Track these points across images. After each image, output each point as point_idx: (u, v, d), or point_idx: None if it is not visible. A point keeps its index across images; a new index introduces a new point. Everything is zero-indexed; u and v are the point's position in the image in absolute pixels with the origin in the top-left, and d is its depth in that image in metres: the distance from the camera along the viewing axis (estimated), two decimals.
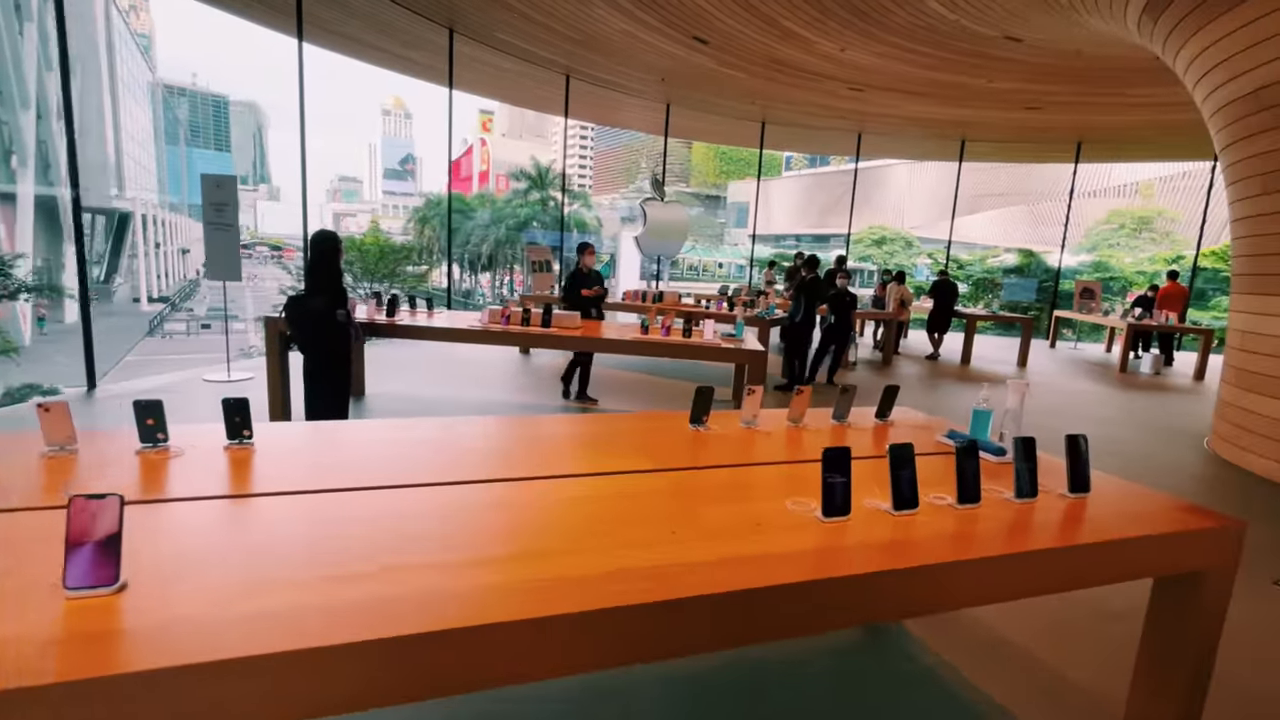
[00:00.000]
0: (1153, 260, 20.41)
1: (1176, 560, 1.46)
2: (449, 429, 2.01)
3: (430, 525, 1.30)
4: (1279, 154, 4.52)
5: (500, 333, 4.46)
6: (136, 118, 54.73)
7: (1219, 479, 4.84)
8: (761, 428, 2.14)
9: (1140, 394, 8.32)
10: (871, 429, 2.27)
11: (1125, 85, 9.80)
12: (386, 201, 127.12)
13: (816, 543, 1.28)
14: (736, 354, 4.28)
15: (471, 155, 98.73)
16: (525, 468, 1.67)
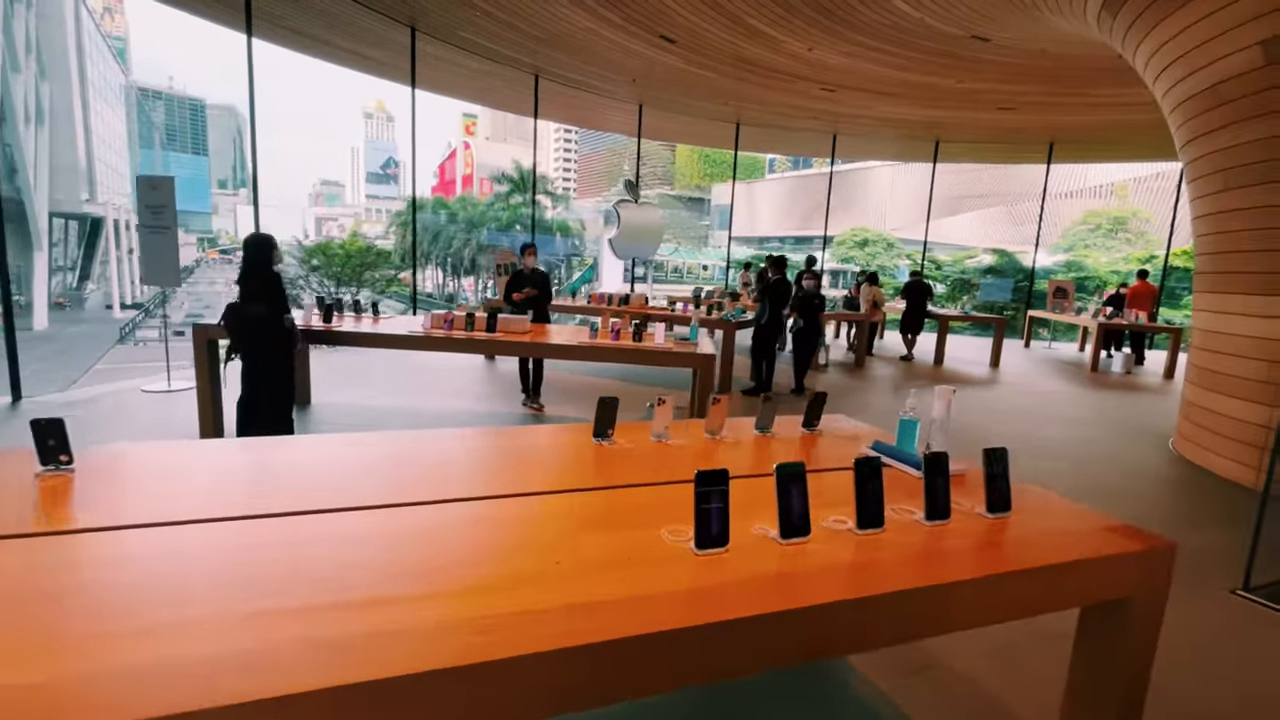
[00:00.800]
0: (1127, 260, 20.61)
1: (1099, 588, 1.32)
2: (344, 445, 1.84)
3: (279, 555, 1.13)
4: (1238, 150, 4.45)
5: (442, 339, 4.27)
6: (109, 121, 53.74)
7: (1181, 481, 4.77)
8: (674, 441, 1.98)
9: (1110, 393, 8.30)
10: (797, 440, 2.12)
11: (1092, 85, 9.82)
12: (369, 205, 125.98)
13: (688, 580, 1.12)
14: (686, 358, 4.12)
15: (455, 158, 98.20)
16: (415, 490, 1.51)
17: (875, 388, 8.00)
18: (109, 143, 53.49)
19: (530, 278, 5.83)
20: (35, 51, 34.85)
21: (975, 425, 6.22)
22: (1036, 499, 1.65)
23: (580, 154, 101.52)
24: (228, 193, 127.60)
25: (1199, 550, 3.54)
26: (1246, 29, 4.11)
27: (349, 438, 1.94)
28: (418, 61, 9.88)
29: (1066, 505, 1.66)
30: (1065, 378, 9.29)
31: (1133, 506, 4.20)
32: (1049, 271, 18.72)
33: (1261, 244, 4.40)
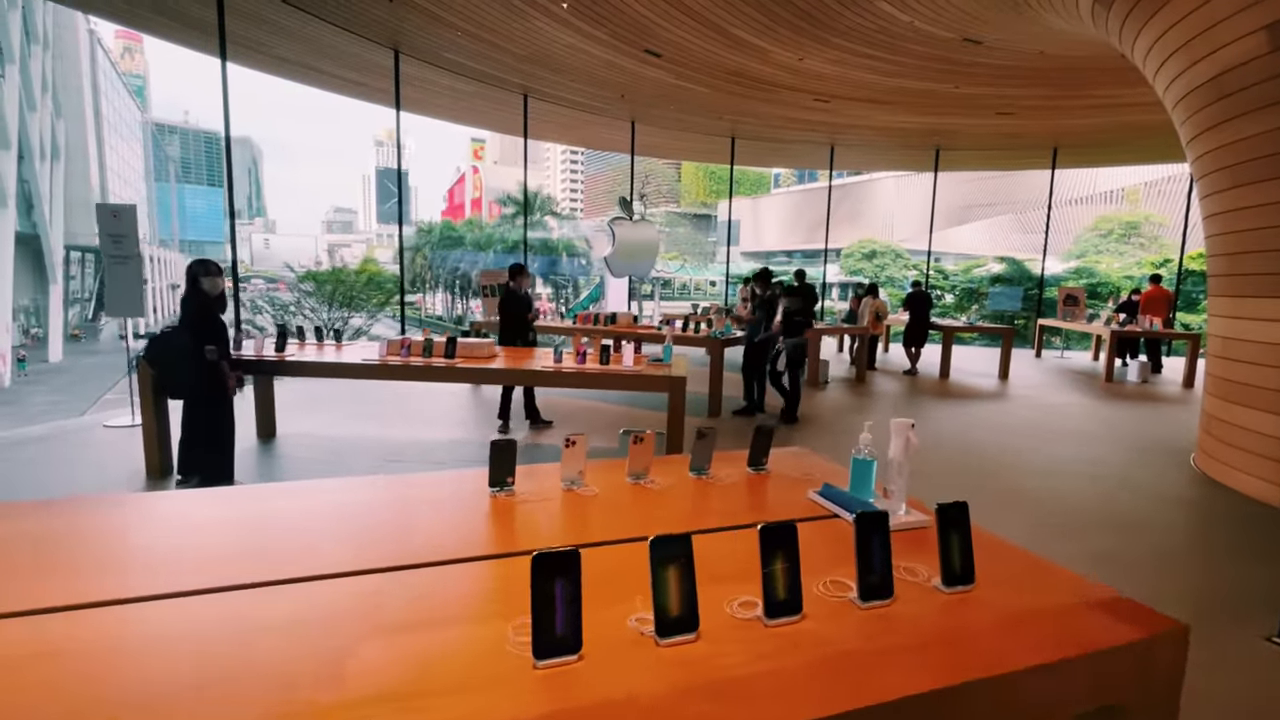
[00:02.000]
0: (1140, 265, 20.08)
1: (1079, 696, 1.01)
2: (212, 504, 1.58)
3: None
4: (1245, 144, 4.14)
5: (399, 367, 4.02)
6: (124, 156, 54.95)
7: (1202, 502, 4.38)
8: (588, 489, 1.69)
9: (1125, 405, 7.88)
10: (735, 484, 1.82)
11: (1093, 86, 9.52)
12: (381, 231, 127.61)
13: (514, 710, 0.83)
14: (655, 381, 3.84)
15: (464, 183, 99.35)
16: (244, 567, 1.24)
17: (875, 405, 7.65)
18: (124, 177, 54.67)
19: (522, 300, 5.68)
20: (51, 90, 35.73)
21: (979, 443, 5.86)
22: (1007, 564, 1.34)
23: (587, 174, 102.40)
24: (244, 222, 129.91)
25: (1225, 587, 3.17)
26: (1249, 13, 3.82)
27: (222, 494, 1.68)
28: (404, 84, 9.81)
29: (1046, 570, 1.34)
30: (1078, 389, 8.88)
31: (1147, 536, 3.83)
32: (1059, 279, 18.24)
33: (1275, 243, 4.06)
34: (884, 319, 9.95)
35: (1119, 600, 1.20)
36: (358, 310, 12.51)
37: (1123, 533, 3.82)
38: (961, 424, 6.66)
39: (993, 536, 1.49)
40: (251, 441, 4.99)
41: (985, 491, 4.51)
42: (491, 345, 4.43)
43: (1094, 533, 3.82)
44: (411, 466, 4.45)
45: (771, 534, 1.06)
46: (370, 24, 8.09)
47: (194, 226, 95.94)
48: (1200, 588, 3.20)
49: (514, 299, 5.77)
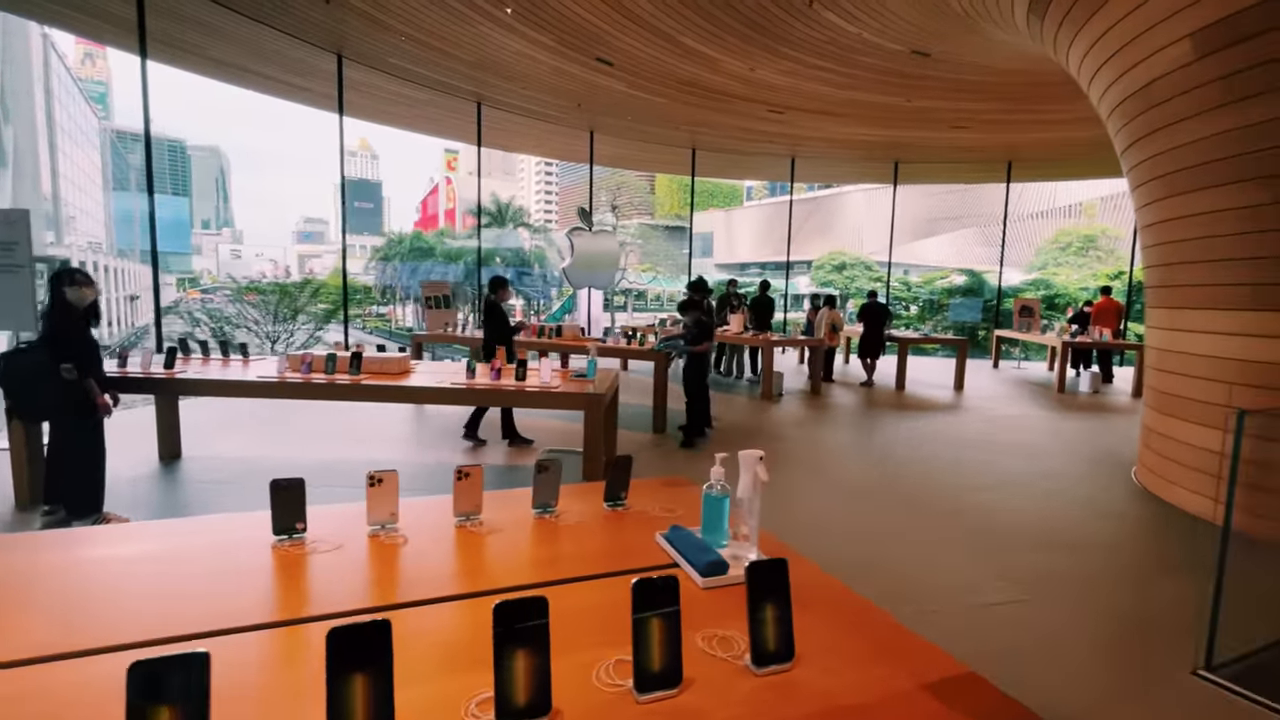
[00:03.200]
0: (1095, 277, 20.49)
1: None
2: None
3: None
4: (1176, 153, 4.09)
5: (300, 384, 3.72)
6: (80, 164, 53.28)
7: (1140, 518, 4.28)
8: (395, 535, 1.45)
9: (1076, 416, 7.87)
10: (590, 522, 1.60)
11: (1044, 102, 9.63)
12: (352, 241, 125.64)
13: None
14: (566, 399, 3.61)
15: (437, 194, 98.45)
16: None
17: (824, 418, 7.52)
18: (80, 185, 52.97)
19: (505, 312, 5.70)
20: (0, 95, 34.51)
21: (928, 457, 5.74)
22: (846, 632, 1.13)
23: (561, 186, 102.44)
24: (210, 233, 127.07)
25: (1156, 613, 3.03)
26: (1177, 20, 3.77)
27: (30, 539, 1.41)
28: (350, 90, 9.53)
29: (893, 640, 1.14)
30: (1031, 400, 8.87)
31: (1082, 554, 3.70)
32: (1018, 290, 18.51)
33: (1208, 254, 4.00)
34: (840, 330, 9.87)
35: (969, 683, 1.00)
36: (324, 321, 12.04)
37: (1059, 551, 3.69)
38: (913, 436, 6.55)
39: (843, 591, 1.28)
40: (150, 465, 4.64)
41: (928, 509, 4.36)
42: (405, 360, 4.16)
43: (1030, 551, 3.68)
44: (327, 492, 4.15)
45: (504, 612, 0.83)
46: (309, 27, 7.82)
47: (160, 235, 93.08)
48: (1130, 611, 3.06)
49: (496, 313, 5.70)
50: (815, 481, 4.95)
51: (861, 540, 3.82)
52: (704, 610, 1.14)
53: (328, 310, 12.67)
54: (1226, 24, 3.50)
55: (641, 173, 71.99)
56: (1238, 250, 3.85)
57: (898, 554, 3.62)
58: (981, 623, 2.87)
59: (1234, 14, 3.45)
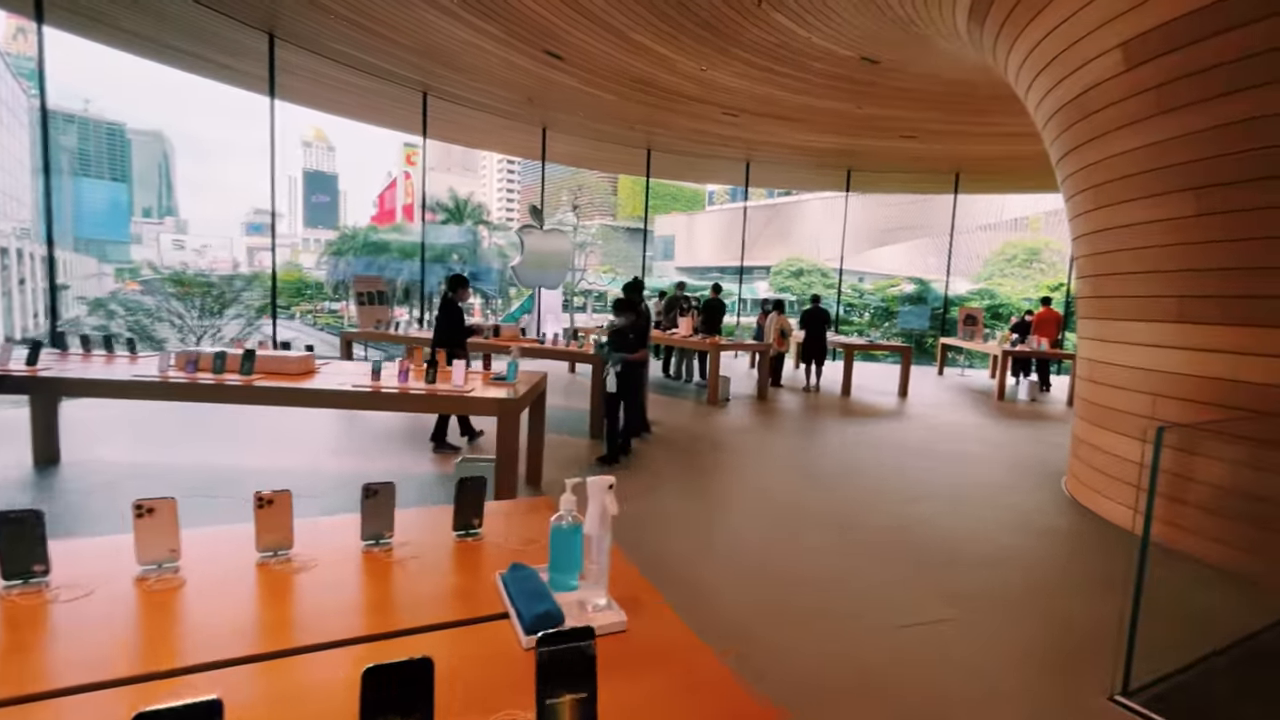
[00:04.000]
0: (1037, 288, 21.21)
1: None
2: None
3: None
4: (1108, 164, 4.09)
5: (184, 386, 3.37)
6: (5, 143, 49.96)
7: (1066, 530, 4.26)
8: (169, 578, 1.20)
9: (1013, 425, 7.97)
10: (431, 555, 1.37)
11: (989, 114, 9.79)
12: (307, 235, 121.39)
13: None
14: (475, 404, 3.35)
15: (395, 188, 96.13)
16: None
17: (770, 425, 7.43)
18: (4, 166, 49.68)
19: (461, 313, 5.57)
20: None
21: (864, 466, 5.67)
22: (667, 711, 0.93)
23: (524, 184, 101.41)
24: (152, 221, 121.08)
25: (1080, 632, 2.96)
26: (1108, 29, 3.76)
27: None
28: (284, 73, 9.04)
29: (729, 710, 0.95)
30: (972, 407, 8.99)
31: (1007, 570, 3.64)
32: (964, 299, 19.00)
33: (1136, 265, 4.01)
34: (789, 336, 9.84)
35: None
36: (257, 316, 11.33)
37: (988, 566, 3.62)
38: (852, 444, 6.50)
39: (696, 651, 1.08)
40: (22, 470, 4.19)
41: (859, 522, 4.26)
42: (307, 360, 3.83)
43: (960, 567, 3.60)
44: (204, 506, 3.79)
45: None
46: (237, 3, 7.35)
47: (93, 223, 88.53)
48: (1054, 630, 2.98)
49: (451, 312, 5.51)
50: (746, 491, 4.81)
51: (786, 556, 3.67)
52: (526, 677, 0.93)
53: (264, 305, 11.96)
54: (1157, 34, 3.49)
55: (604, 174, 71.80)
56: (1165, 262, 3.86)
57: (824, 571, 3.49)
58: (905, 645, 2.74)
59: (1164, 24, 3.44)
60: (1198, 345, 3.72)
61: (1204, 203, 3.57)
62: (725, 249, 61.64)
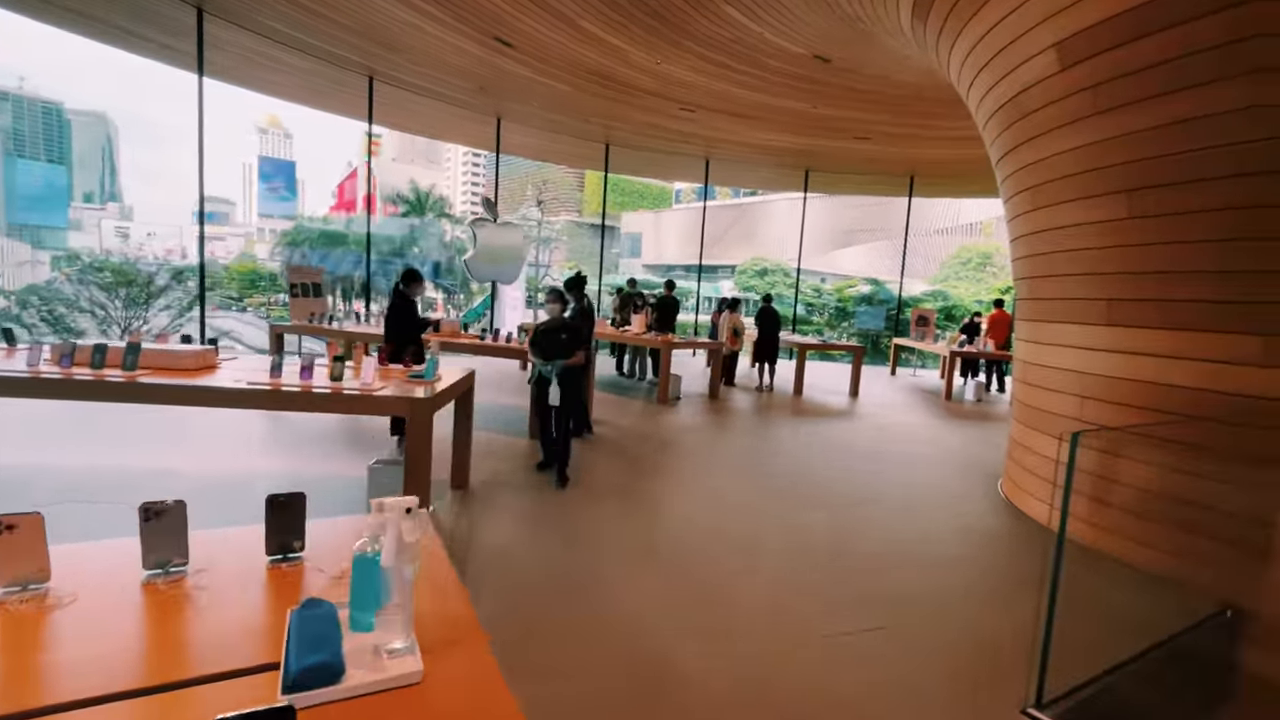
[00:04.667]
0: (989, 290, 21.73)
1: None
2: None
3: None
4: (1043, 165, 4.08)
5: (57, 382, 3.04)
6: None
7: (999, 533, 4.25)
8: None
9: (959, 425, 8.05)
10: (231, 586, 1.17)
11: (940, 118, 9.89)
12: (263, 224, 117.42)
13: None
14: (387, 403, 3.13)
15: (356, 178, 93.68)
16: None
17: (718, 425, 7.33)
18: None
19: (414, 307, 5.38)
20: None
21: (809, 467, 5.60)
22: None
23: (488, 177, 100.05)
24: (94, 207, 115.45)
25: (1004, 639, 2.90)
26: (1044, 29, 3.73)
27: None
28: (214, 49, 8.55)
29: None
30: (920, 408, 9.06)
31: (940, 573, 3.59)
32: (919, 301, 19.36)
33: (1070, 267, 4.01)
34: (742, 334, 9.77)
35: None
36: (187, 308, 10.68)
37: (924, 570, 3.56)
38: (799, 445, 6.44)
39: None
40: None
41: (797, 526, 4.16)
42: (205, 356, 3.53)
43: (896, 571, 3.53)
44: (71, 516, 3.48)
45: None
46: None
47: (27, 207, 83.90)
48: (980, 638, 2.92)
49: (403, 307, 5.33)
50: (686, 494, 4.67)
51: (719, 568, 3.54)
52: None
53: (189, 301, 11.29)
54: (1093, 32, 3.46)
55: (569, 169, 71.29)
56: (1098, 265, 3.86)
57: (760, 582, 3.37)
58: (834, 657, 2.63)
59: (1100, 22, 3.41)
60: (1128, 348, 3.72)
61: (1137, 205, 3.55)
62: (691, 247, 61.85)
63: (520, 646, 2.44)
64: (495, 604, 2.76)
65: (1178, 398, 3.39)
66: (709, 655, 2.56)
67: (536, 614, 2.75)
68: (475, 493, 4.21)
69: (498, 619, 2.61)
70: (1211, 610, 3.00)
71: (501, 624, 2.56)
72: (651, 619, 2.83)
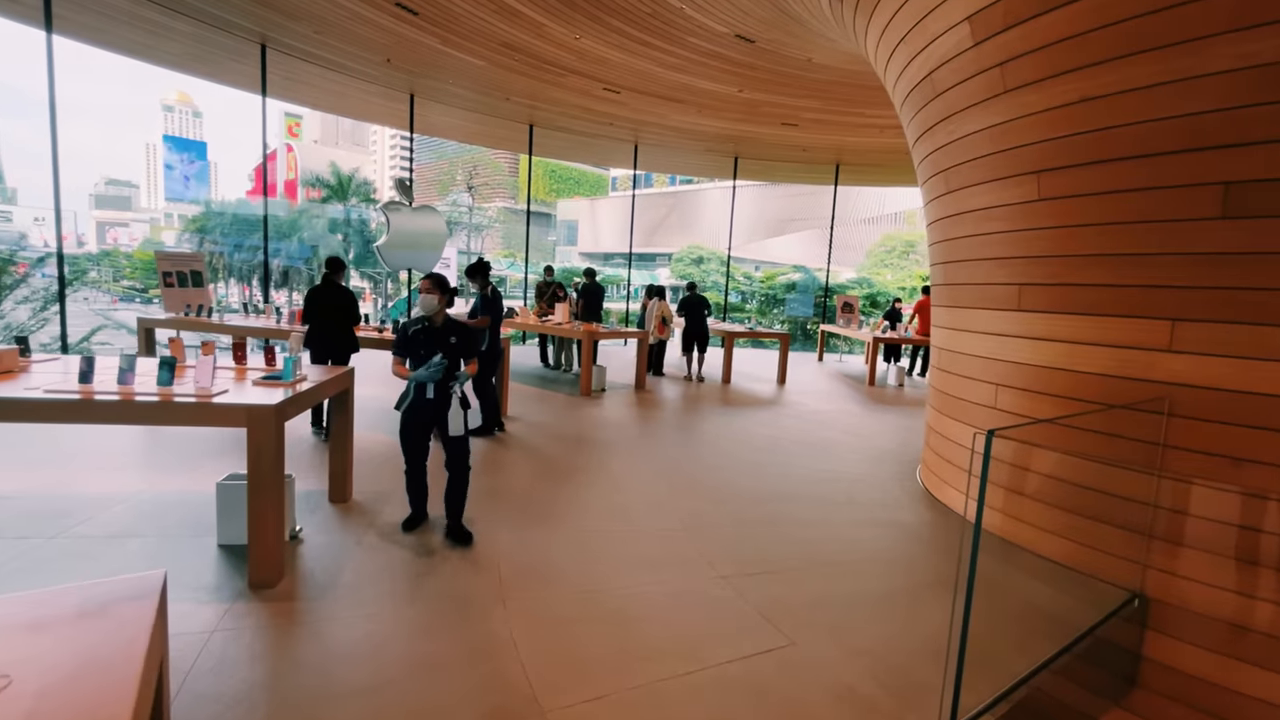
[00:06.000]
0: (911, 277, 22.46)
1: None
2: None
3: None
4: (956, 146, 3.96)
5: None
6: None
7: (915, 525, 4.16)
8: None
9: (881, 412, 8.09)
10: None
11: (864, 105, 9.90)
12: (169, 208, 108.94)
13: None
14: (222, 413, 2.65)
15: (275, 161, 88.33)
16: None
17: (640, 418, 7.06)
18: None
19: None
20: None
21: (725, 460, 5.40)
22: None
23: (418, 162, 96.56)
24: None
25: (915, 646, 2.74)
26: (956, 2, 3.58)
27: None
28: (80, 10, 7.53)
29: None
30: (844, 395, 9.09)
31: (856, 577, 3.43)
32: (844, 288, 19.76)
33: (981, 252, 3.91)
34: (670, 323, 9.55)
35: None
36: (50, 301, 9.39)
37: (835, 574, 3.39)
38: (721, 437, 6.25)
39: None
40: None
41: (705, 526, 3.93)
42: (4, 357, 2.93)
43: (807, 576, 3.34)
44: None
45: None
46: None
47: None
48: (886, 647, 2.75)
49: (329, 295, 5.10)
50: (588, 497, 4.36)
51: (617, 582, 3.26)
52: None
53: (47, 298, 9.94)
54: (1000, 7, 3.32)
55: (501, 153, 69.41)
56: (1007, 249, 3.77)
57: (658, 598, 3.10)
58: (735, 684, 2.38)
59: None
60: (1040, 334, 3.65)
61: (1047, 187, 3.46)
62: (627, 235, 61.68)
63: None
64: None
65: (1090, 384, 3.31)
66: (595, 694, 2.27)
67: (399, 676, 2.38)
68: (358, 506, 3.76)
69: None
70: (1122, 599, 2.94)
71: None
72: (526, 653, 2.51)
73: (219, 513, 3.02)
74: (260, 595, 2.62)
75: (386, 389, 7.32)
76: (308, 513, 3.53)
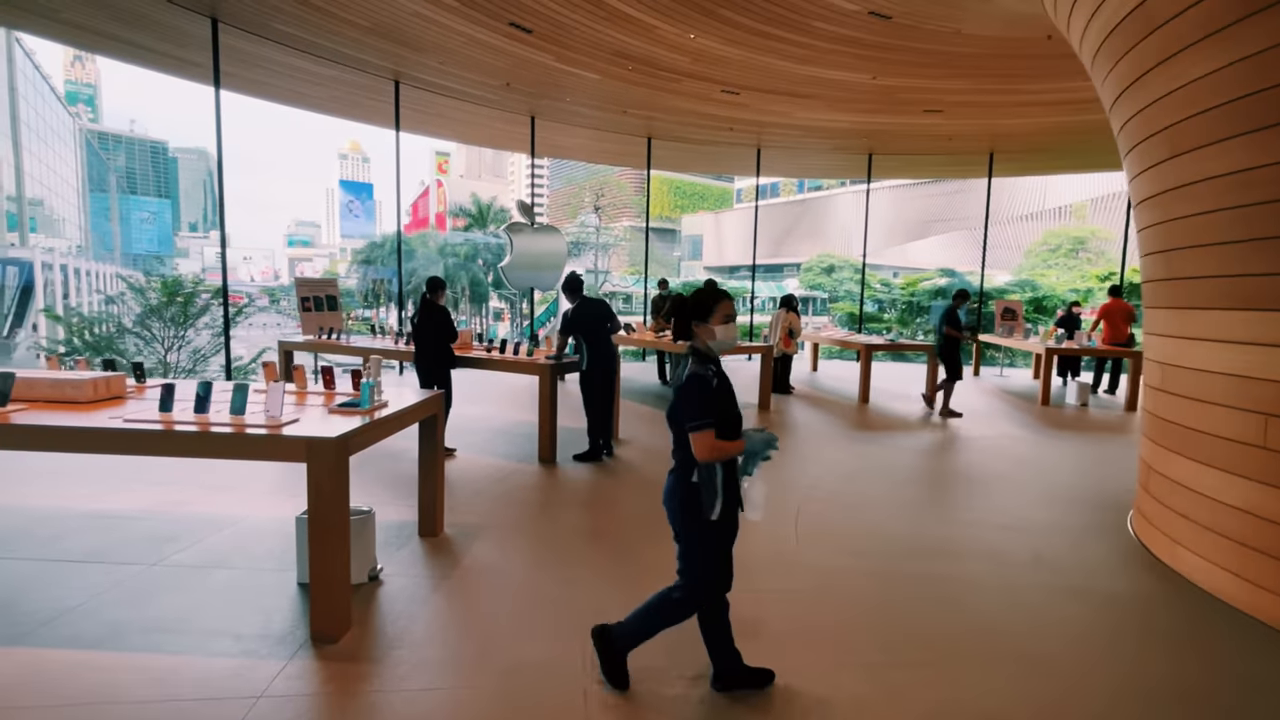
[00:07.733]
0: (1084, 278, 19.37)
1: None
2: None
3: None
4: (1183, 95, 2.94)
5: None
6: (50, 164, 51.85)
7: (1139, 601, 3.09)
8: None
9: (1060, 437, 6.71)
10: None
11: (1023, 78, 8.55)
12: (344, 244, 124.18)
13: None
14: (276, 446, 2.40)
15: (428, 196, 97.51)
16: None
17: None
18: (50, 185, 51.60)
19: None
20: None
21: (861, 500, 4.56)
22: None
23: (552, 188, 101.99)
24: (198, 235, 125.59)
25: None
26: None
27: None
28: (235, 62, 8.38)
29: None
30: (1011, 415, 7.72)
31: (1044, 671, 2.54)
32: (1002, 292, 17.40)
33: (1226, 233, 2.86)
34: (798, 336, 8.73)
35: None
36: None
37: (1013, 670, 2.52)
38: (855, 467, 5.37)
39: None
40: None
41: (842, 590, 3.19)
42: (109, 384, 2.96)
43: (971, 670, 2.51)
44: None
45: None
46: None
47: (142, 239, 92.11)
48: None
49: (427, 315, 5.16)
50: None
51: None
52: None
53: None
54: None
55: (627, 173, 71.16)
56: (1269, 227, 2.71)
57: (778, 692, 2.45)
58: None
59: None
60: None
61: None
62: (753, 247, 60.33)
63: None
64: None
65: None
66: None
67: None
68: (449, 541, 3.48)
69: None
70: None
71: None
72: None
73: (299, 549, 2.84)
74: (322, 652, 2.35)
75: (483, 407, 7.22)
76: (394, 549, 3.29)
